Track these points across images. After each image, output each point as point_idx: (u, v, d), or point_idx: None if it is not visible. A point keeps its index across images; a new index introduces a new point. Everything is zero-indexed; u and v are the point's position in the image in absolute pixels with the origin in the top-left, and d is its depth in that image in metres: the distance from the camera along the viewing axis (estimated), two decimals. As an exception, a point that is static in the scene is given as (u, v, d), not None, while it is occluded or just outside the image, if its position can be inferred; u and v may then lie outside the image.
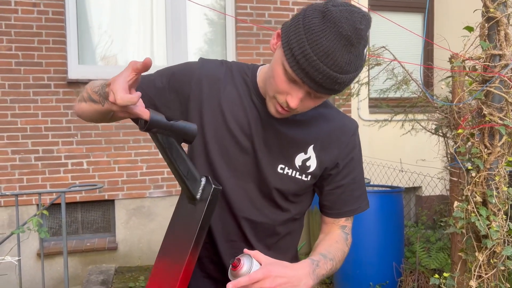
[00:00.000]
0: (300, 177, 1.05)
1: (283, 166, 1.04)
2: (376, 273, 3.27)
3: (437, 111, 2.23)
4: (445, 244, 3.40)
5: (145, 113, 0.81)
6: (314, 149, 1.05)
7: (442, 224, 1.65)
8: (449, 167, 1.92)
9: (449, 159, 2.20)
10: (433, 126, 2.39)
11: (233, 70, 1.08)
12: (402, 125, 3.16)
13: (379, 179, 4.53)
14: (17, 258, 2.73)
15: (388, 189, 3.62)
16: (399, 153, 4.43)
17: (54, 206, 3.53)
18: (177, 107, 1.05)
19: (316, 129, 1.06)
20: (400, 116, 3.30)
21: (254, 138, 1.03)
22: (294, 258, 1.20)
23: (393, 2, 4.87)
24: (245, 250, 0.94)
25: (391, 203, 3.36)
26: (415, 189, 5.09)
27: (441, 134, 2.36)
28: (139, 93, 0.81)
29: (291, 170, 1.04)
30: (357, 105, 4.74)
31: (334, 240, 1.09)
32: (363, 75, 3.15)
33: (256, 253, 0.93)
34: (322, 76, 0.84)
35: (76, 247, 3.91)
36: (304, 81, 0.87)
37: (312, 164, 1.05)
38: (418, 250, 3.38)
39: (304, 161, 1.05)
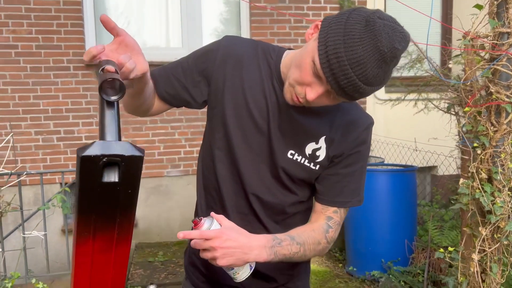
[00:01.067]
0: (308, 165, 1.08)
1: (293, 152, 1.07)
2: (388, 250, 3.33)
3: (449, 90, 2.23)
4: (458, 222, 3.43)
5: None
6: (325, 140, 1.07)
7: (453, 202, 1.68)
8: (460, 146, 1.94)
9: (461, 137, 2.22)
10: (446, 105, 2.40)
11: (258, 50, 1.09)
12: (415, 103, 3.15)
13: (393, 158, 4.54)
14: (43, 232, 2.88)
15: (401, 168, 3.64)
16: (415, 132, 4.41)
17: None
18: (204, 87, 1.09)
19: (331, 121, 1.08)
20: (414, 95, 3.29)
21: (270, 122, 1.06)
22: None
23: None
24: (212, 213, 0.99)
25: (404, 182, 3.39)
26: (430, 168, 5.08)
27: (453, 112, 2.36)
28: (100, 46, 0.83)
29: (300, 157, 1.07)
30: (372, 84, 4.72)
31: (311, 229, 1.09)
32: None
33: (221, 217, 0.98)
34: (347, 82, 0.86)
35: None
36: (328, 81, 0.88)
37: (322, 154, 1.08)
38: (430, 228, 3.41)
39: (314, 150, 1.07)
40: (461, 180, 1.59)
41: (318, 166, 1.09)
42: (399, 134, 4.57)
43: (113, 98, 0.78)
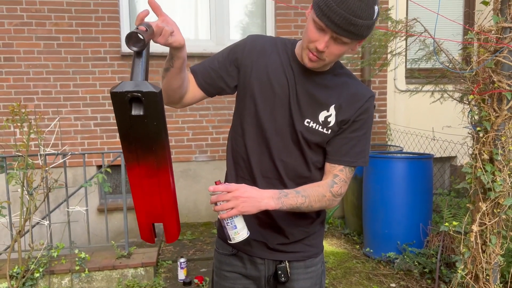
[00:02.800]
0: (322, 130, 1.31)
1: (309, 120, 1.30)
2: (404, 233, 3.50)
3: (461, 80, 2.38)
4: (473, 208, 3.55)
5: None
6: (335, 108, 1.30)
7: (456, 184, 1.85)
8: (469, 132, 2.10)
9: (471, 125, 2.37)
10: (460, 95, 2.55)
11: (277, 42, 1.35)
12: (432, 94, 3.29)
13: (412, 147, 4.68)
14: (85, 208, 3.17)
15: (418, 155, 3.79)
16: (435, 122, 4.53)
17: (111, 169, 3.97)
18: (236, 74, 1.35)
19: (338, 93, 1.31)
20: (432, 86, 3.43)
21: (290, 96, 1.30)
22: None
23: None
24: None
25: (420, 169, 3.54)
26: (449, 158, 5.19)
27: (466, 102, 2.51)
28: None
29: (315, 124, 1.30)
30: (393, 75, 4.85)
31: (317, 185, 1.30)
32: (394, 45, 3.29)
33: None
34: (339, 17, 1.10)
35: (130, 204, 4.35)
36: (327, 25, 1.12)
37: (332, 120, 1.30)
38: (445, 213, 3.56)
39: (326, 117, 1.30)
40: (464, 161, 1.76)
41: (330, 130, 1.31)
42: (420, 124, 4.70)
43: (134, 48, 0.98)
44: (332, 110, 1.30)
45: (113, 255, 3.29)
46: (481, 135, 1.73)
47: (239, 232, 1.21)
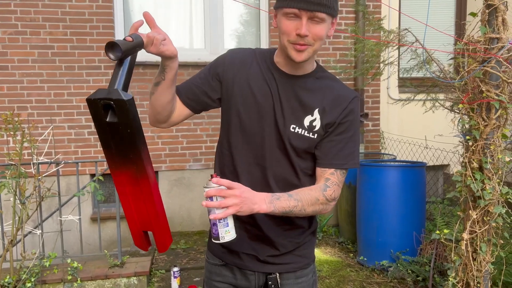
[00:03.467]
0: (308, 135, 1.31)
1: (294, 126, 1.31)
2: (397, 241, 3.51)
3: (452, 89, 2.41)
4: (465, 216, 3.57)
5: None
6: (319, 112, 1.31)
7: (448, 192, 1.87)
8: (459, 141, 2.13)
9: (460, 133, 2.40)
10: (450, 104, 2.58)
11: (257, 54, 1.38)
12: (424, 103, 3.33)
13: (405, 156, 4.70)
14: (78, 217, 3.16)
15: (411, 164, 3.81)
16: (428, 131, 4.56)
17: (105, 177, 3.96)
18: (219, 88, 1.37)
19: (322, 96, 1.32)
20: (424, 95, 3.46)
21: (274, 104, 1.31)
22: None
23: (425, -18, 4.92)
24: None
25: (413, 177, 3.56)
26: (443, 166, 5.22)
27: (457, 111, 2.54)
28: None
29: (301, 129, 1.31)
30: (386, 84, 4.89)
31: (309, 188, 1.28)
32: (387, 55, 3.32)
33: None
34: None
35: (124, 213, 4.35)
36: (299, 7, 1.15)
37: (317, 124, 1.31)
38: (438, 221, 3.58)
39: (311, 121, 1.31)
40: (456, 170, 1.78)
41: (316, 134, 1.32)
42: (413, 133, 4.74)
43: (111, 56, 1.01)
44: (316, 114, 1.31)
45: (105, 264, 3.28)
46: (470, 143, 1.75)
47: (230, 231, 1.17)
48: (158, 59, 1.20)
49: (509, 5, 1.68)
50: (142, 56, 4.56)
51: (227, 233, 1.16)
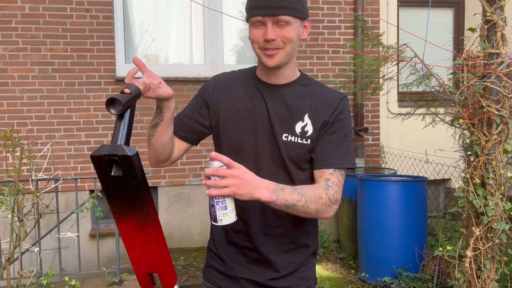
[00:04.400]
0: (301, 141, 1.29)
1: (286, 135, 1.29)
2: (399, 257, 3.47)
3: (452, 104, 2.41)
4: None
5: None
6: (309, 117, 1.30)
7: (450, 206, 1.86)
8: (460, 155, 2.11)
9: (461, 148, 2.39)
10: (450, 119, 2.57)
11: (240, 74, 1.40)
12: (423, 117, 3.33)
13: (406, 170, 4.68)
14: (76, 234, 3.12)
15: (411, 178, 3.79)
16: (428, 145, 4.55)
17: (103, 193, 3.93)
18: (208, 115, 1.38)
19: (309, 101, 1.31)
20: (424, 109, 3.46)
21: (262, 117, 1.31)
22: (313, 223, 1.43)
23: (422, -2, 4.97)
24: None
25: (414, 192, 3.54)
26: (444, 181, 5.19)
27: (457, 125, 2.53)
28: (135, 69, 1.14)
29: (293, 137, 1.29)
30: (386, 99, 4.90)
31: (313, 186, 1.26)
32: (386, 70, 3.33)
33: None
34: (266, 0, 1.17)
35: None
36: (262, 14, 1.19)
37: (309, 129, 1.29)
38: (441, 237, 3.54)
39: (303, 127, 1.29)
40: (457, 185, 1.76)
41: (309, 140, 1.29)
42: (413, 147, 4.72)
43: (112, 111, 1.05)
44: (306, 119, 1.30)
45: (104, 282, 3.23)
46: (472, 159, 1.74)
47: (228, 214, 1.10)
48: (157, 74, 1.21)
49: (507, 20, 1.69)
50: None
51: (225, 216, 1.10)
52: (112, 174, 1.05)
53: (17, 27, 4.03)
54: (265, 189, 1.11)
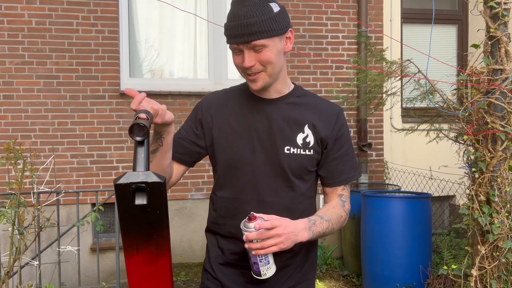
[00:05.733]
0: (304, 152, 1.29)
1: (288, 147, 1.28)
2: (403, 275, 3.41)
3: (456, 120, 2.39)
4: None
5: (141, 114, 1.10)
6: (309, 127, 1.30)
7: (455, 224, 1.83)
8: (465, 172, 2.09)
9: (466, 164, 2.36)
10: (455, 135, 2.55)
11: (234, 90, 1.41)
12: (427, 133, 3.31)
13: (410, 187, 4.64)
14: (76, 247, 3.10)
15: (416, 195, 3.75)
16: (432, 161, 4.51)
17: (105, 206, 3.91)
18: (203, 134, 1.35)
19: (308, 112, 1.32)
20: (427, 125, 3.44)
21: (260, 133, 1.29)
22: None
23: (425, 14, 5.00)
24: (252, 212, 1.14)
25: (419, 209, 3.49)
26: (448, 198, 5.14)
27: (461, 141, 2.51)
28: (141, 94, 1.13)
29: (296, 149, 1.28)
30: (389, 114, 4.88)
31: (332, 206, 1.31)
32: (389, 85, 3.33)
33: (262, 214, 1.17)
34: (237, 29, 1.18)
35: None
36: (236, 42, 1.20)
37: (311, 140, 1.30)
38: (445, 254, 3.48)
39: (304, 138, 1.29)
40: (462, 202, 1.74)
41: (312, 150, 1.30)
42: (417, 163, 4.68)
43: (138, 138, 1.02)
44: (307, 130, 1.30)
45: (103, 297, 3.19)
46: (477, 176, 1.71)
47: (271, 267, 1.17)
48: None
49: (511, 36, 1.68)
50: (145, 86, 4.57)
51: (269, 269, 1.17)
52: (136, 203, 1.01)
53: (24, 40, 4.07)
54: (303, 231, 1.18)
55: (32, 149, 3.37)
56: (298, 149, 1.29)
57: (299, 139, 1.29)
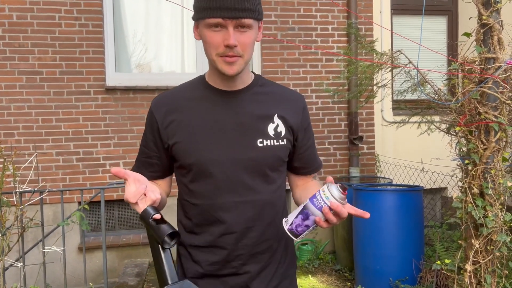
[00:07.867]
0: (278, 143, 1.21)
1: (261, 140, 1.20)
2: (396, 269, 3.37)
3: (447, 111, 2.34)
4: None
5: (140, 208, 1.04)
6: (278, 117, 1.23)
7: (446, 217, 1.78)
8: (457, 164, 2.04)
9: (458, 156, 2.32)
10: (446, 126, 2.51)
11: (184, 89, 1.26)
12: (419, 125, 3.26)
13: (402, 179, 4.61)
14: (62, 248, 3.02)
15: (407, 188, 3.72)
16: (424, 153, 4.49)
17: (93, 204, 3.83)
18: (166, 142, 1.22)
19: (274, 101, 1.24)
20: (419, 117, 3.40)
21: (228, 128, 1.19)
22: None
23: (415, 5, 4.95)
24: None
25: (410, 202, 3.45)
26: (440, 190, 5.12)
27: (453, 133, 2.47)
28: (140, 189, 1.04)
29: (269, 140, 1.20)
30: (380, 107, 4.84)
31: (316, 184, 1.30)
32: (380, 77, 3.27)
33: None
34: (227, 1, 1.05)
35: (113, 242, 4.20)
36: (223, 16, 1.06)
37: (282, 129, 1.23)
38: (438, 248, 3.46)
39: (275, 128, 1.22)
40: (455, 195, 1.69)
41: (285, 140, 1.23)
42: (409, 156, 4.65)
43: (173, 243, 0.97)
44: (277, 119, 1.23)
45: (91, 298, 3.11)
46: (470, 168, 1.66)
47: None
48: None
49: (504, 24, 1.63)
50: (132, 81, 4.48)
51: (307, 235, 1.19)
52: None
53: (5, 35, 3.95)
54: None
55: (14, 148, 3.26)
56: (271, 140, 1.21)
57: (271, 129, 1.21)
